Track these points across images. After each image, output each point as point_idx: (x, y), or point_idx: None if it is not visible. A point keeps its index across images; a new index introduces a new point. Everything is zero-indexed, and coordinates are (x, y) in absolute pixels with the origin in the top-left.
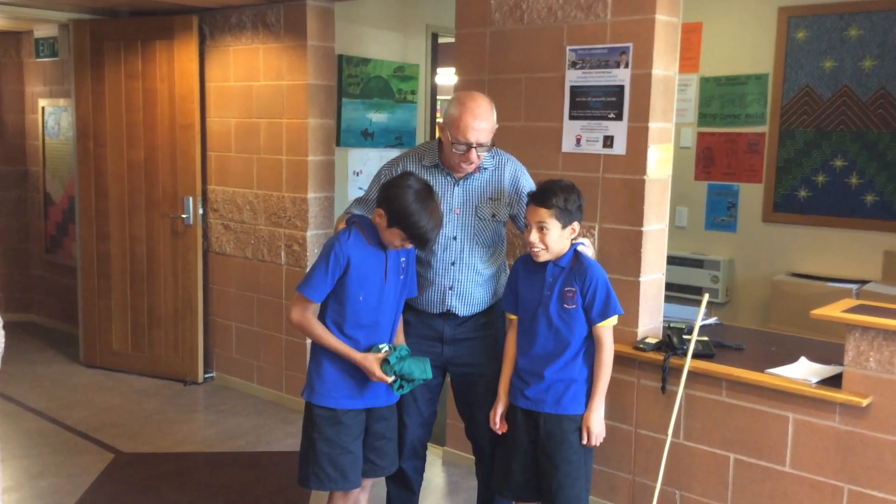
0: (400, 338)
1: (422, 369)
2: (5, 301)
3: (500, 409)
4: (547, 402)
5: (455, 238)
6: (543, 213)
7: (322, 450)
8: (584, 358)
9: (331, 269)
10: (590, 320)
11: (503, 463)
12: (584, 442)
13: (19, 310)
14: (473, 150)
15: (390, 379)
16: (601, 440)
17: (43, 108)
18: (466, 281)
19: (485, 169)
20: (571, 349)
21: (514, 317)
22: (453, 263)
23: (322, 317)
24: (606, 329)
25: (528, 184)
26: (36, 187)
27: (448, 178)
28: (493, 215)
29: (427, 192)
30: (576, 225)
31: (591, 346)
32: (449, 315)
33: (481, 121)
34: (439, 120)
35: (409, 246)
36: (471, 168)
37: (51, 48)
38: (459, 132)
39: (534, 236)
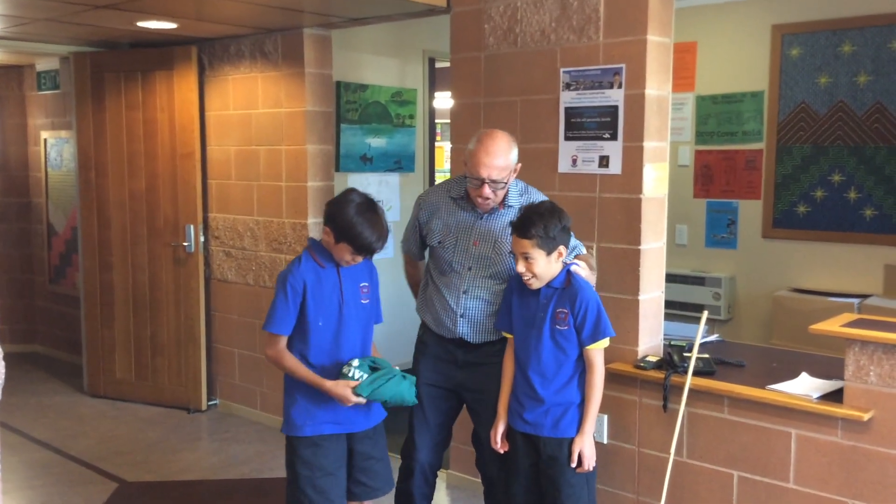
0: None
1: (397, 392)
2: (9, 332)
3: (500, 428)
4: (545, 425)
5: (470, 269)
6: (526, 245)
7: (302, 474)
8: (580, 380)
9: (290, 299)
10: (580, 342)
11: (505, 487)
12: (576, 467)
13: (23, 340)
14: (486, 185)
15: (364, 400)
16: (592, 464)
17: (45, 140)
18: (476, 310)
19: (510, 207)
20: (567, 371)
21: (510, 336)
22: (465, 292)
23: (288, 350)
24: (597, 351)
25: None
26: (39, 218)
27: (473, 211)
28: (511, 251)
29: (368, 205)
30: (562, 248)
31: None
32: (461, 341)
33: (494, 157)
34: (439, 144)
35: (360, 260)
36: (487, 204)
37: (52, 81)
38: (472, 167)
39: (521, 267)
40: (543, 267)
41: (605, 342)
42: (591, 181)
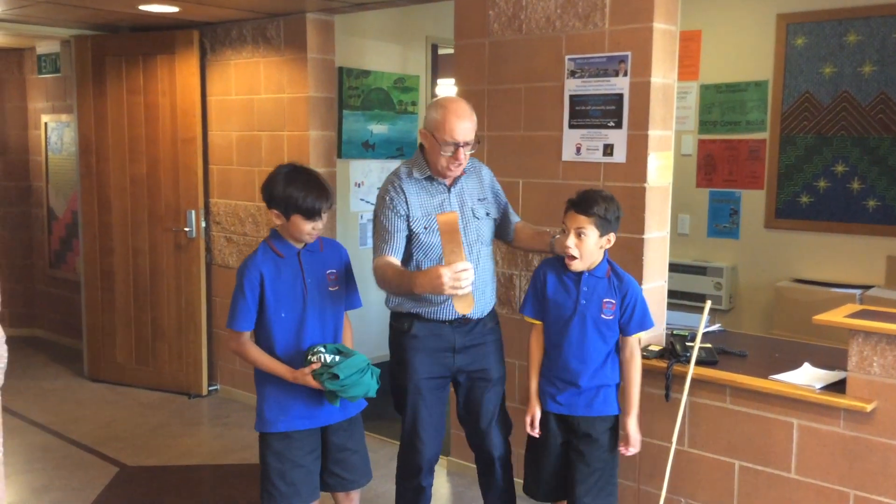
0: (348, 341)
1: (362, 390)
2: (10, 316)
3: (537, 413)
4: (579, 405)
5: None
6: (584, 220)
7: (273, 465)
8: (613, 363)
9: (248, 294)
10: (625, 331)
11: (534, 466)
12: (623, 450)
13: (24, 324)
14: (461, 149)
15: (317, 385)
16: (639, 447)
17: (46, 124)
18: (479, 281)
19: (466, 171)
20: (604, 356)
21: (538, 322)
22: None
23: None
24: (639, 339)
25: (499, 187)
26: (39, 203)
27: (441, 186)
28: (487, 213)
29: (297, 170)
30: (612, 236)
31: (617, 351)
32: (460, 322)
33: (465, 120)
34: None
35: (319, 227)
36: (458, 170)
37: (53, 64)
38: (446, 133)
39: (571, 240)
40: (592, 247)
41: (646, 333)
42: (595, 169)
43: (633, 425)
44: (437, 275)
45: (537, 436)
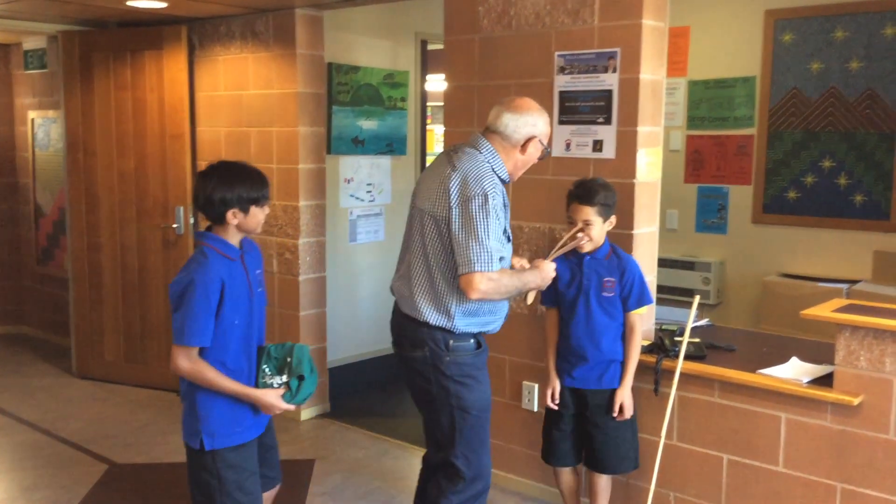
0: None
1: (312, 390)
2: None
3: (557, 387)
4: (591, 379)
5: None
6: (589, 211)
7: (229, 479)
8: (619, 340)
9: (208, 304)
10: (625, 306)
11: (549, 436)
12: (616, 415)
13: (11, 322)
14: None
15: (293, 407)
16: (631, 412)
17: (32, 120)
18: None
19: None
20: (611, 332)
21: (554, 309)
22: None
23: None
24: (639, 315)
25: None
26: (26, 199)
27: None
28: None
29: (222, 164)
30: (613, 218)
31: (622, 328)
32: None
33: None
34: (431, 127)
35: (267, 210)
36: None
37: (40, 60)
38: (549, 140)
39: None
40: (599, 232)
41: (646, 308)
42: (584, 165)
43: (626, 395)
44: (551, 269)
45: (556, 408)
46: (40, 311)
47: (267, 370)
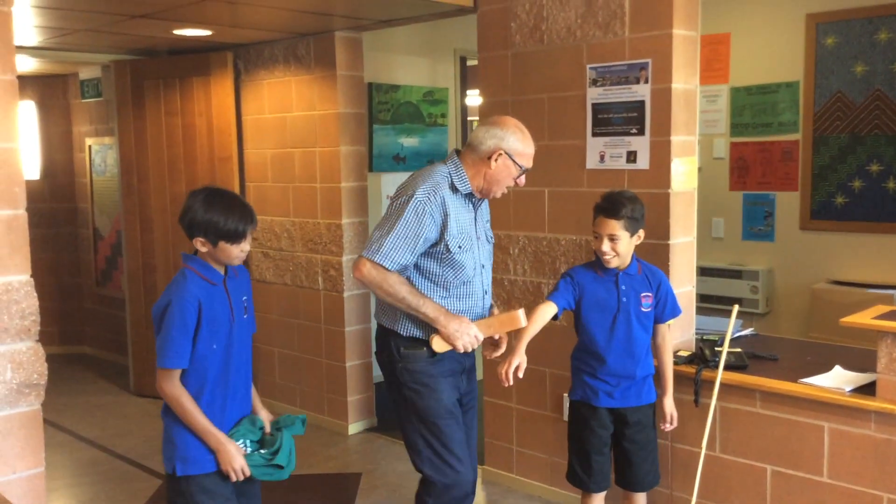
0: (259, 408)
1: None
2: (59, 334)
3: (523, 364)
4: (631, 397)
5: (483, 266)
6: (615, 225)
7: None
8: (651, 353)
9: (186, 326)
10: (659, 319)
11: (586, 461)
12: (664, 426)
13: (73, 342)
14: (523, 175)
15: (248, 471)
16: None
17: (90, 147)
18: (486, 304)
19: None
20: (646, 347)
21: (553, 305)
22: (486, 292)
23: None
24: (668, 325)
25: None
26: (85, 223)
27: (470, 205)
28: (489, 238)
29: (214, 190)
30: (641, 232)
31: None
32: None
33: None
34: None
35: (246, 249)
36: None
37: (95, 89)
38: (526, 159)
39: (606, 246)
40: (626, 247)
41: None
42: (619, 176)
43: (670, 404)
44: (468, 331)
45: (507, 385)
46: (100, 332)
47: (248, 442)
